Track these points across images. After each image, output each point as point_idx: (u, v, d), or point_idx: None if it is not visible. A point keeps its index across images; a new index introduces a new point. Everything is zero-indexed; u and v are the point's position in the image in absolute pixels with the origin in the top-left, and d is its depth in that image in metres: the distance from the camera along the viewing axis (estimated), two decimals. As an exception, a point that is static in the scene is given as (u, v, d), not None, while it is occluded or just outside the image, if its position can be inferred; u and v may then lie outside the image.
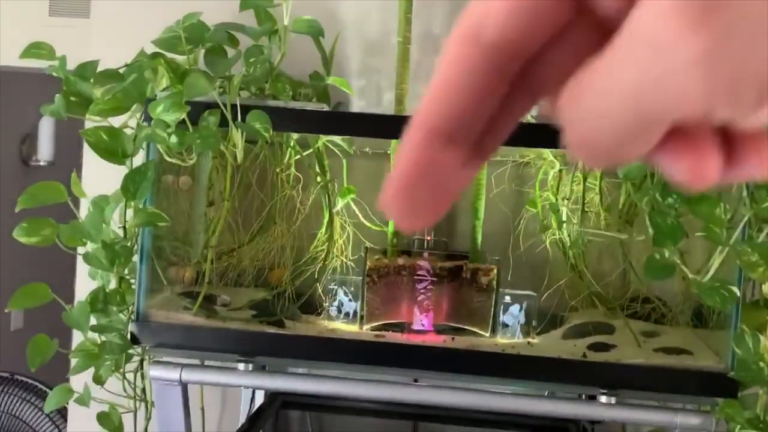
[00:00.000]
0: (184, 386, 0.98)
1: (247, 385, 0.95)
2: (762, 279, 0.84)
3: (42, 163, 2.62)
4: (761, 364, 0.86)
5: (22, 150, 2.62)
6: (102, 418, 1.14)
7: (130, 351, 1.09)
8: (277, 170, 1.05)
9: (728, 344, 0.93)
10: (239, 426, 1.09)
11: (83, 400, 1.14)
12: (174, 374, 0.97)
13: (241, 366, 0.97)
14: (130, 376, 1.17)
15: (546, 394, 1.17)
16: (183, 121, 0.91)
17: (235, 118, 0.91)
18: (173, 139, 0.91)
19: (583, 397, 1.13)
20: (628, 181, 0.90)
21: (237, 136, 0.92)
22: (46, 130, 2.60)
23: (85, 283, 1.08)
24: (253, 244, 1.08)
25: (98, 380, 1.12)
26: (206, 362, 1.05)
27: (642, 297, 1.08)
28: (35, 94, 1.69)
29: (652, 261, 0.82)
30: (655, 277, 0.82)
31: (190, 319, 0.99)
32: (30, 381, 1.64)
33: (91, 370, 1.09)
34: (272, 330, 0.99)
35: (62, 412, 1.57)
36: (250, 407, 1.27)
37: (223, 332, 0.98)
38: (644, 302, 1.08)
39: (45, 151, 2.61)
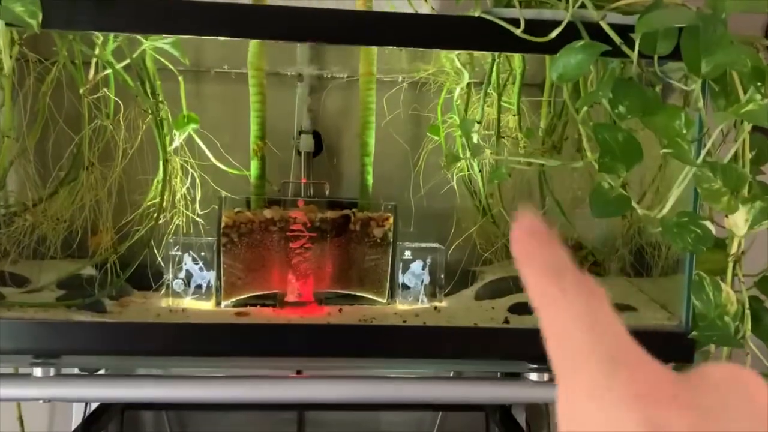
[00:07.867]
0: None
1: (50, 398, 0.67)
2: (728, 210, 0.65)
3: None
4: (726, 318, 0.68)
5: None
6: None
7: None
8: (81, 91, 0.73)
9: (678, 296, 0.75)
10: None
11: None
12: (-68, 392, 0.66)
13: (38, 372, 0.68)
14: None
15: (452, 374, 0.97)
16: None
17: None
18: None
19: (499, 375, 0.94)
20: (560, 89, 0.68)
21: (-2, 32, 0.60)
22: None
23: None
24: (56, 199, 0.77)
25: None
26: None
27: (572, 242, 0.87)
28: None
29: (599, 193, 0.61)
30: (606, 214, 0.61)
31: (-45, 311, 0.68)
32: None
33: None
34: (83, 317, 0.70)
35: None
36: (85, 410, 0.98)
37: (8, 324, 0.67)
38: (573, 249, 0.88)
39: None
